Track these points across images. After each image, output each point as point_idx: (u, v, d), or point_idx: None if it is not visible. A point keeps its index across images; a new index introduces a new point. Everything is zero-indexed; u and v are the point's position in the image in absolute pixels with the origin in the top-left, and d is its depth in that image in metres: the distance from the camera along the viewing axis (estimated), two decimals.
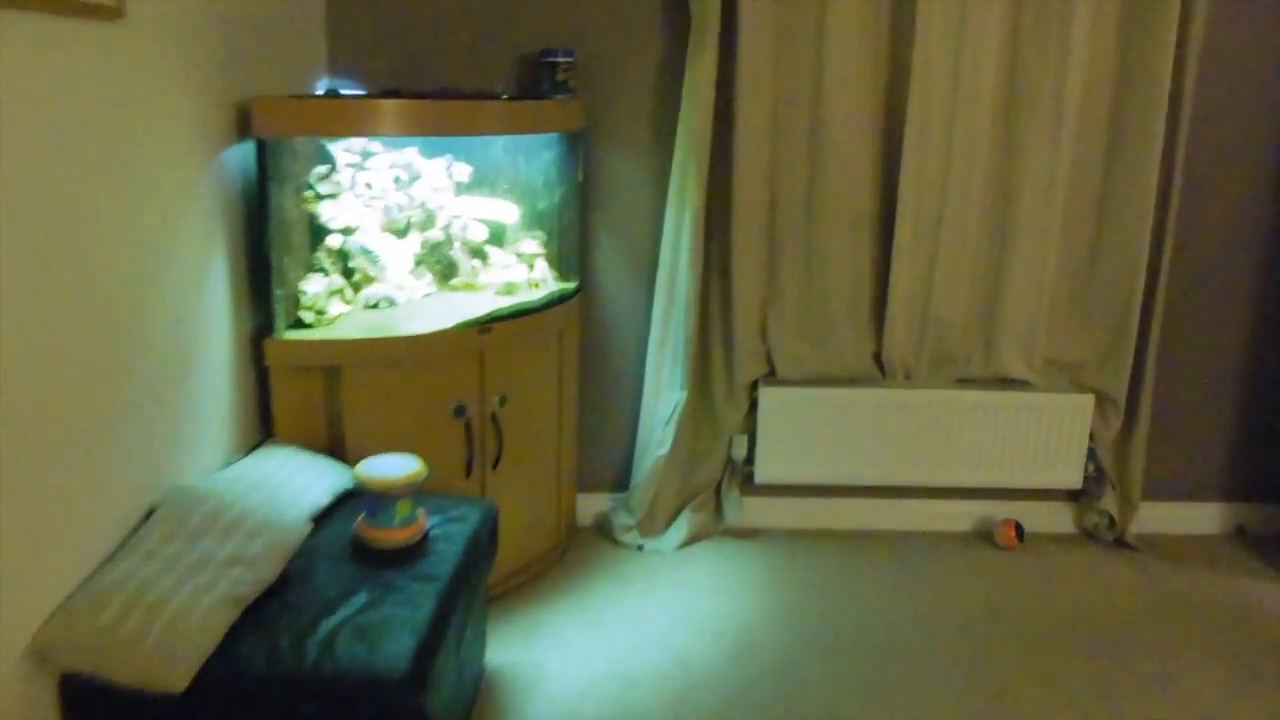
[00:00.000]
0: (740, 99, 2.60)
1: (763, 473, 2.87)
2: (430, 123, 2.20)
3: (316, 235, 2.32)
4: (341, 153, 2.33)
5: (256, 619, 1.62)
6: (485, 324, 2.34)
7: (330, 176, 2.29)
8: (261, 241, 2.17)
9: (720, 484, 2.92)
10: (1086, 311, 2.81)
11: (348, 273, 2.37)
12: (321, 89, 2.62)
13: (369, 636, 1.60)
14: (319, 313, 2.27)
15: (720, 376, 2.84)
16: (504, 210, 2.54)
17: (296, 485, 1.99)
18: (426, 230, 2.49)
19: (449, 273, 2.52)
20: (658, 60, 2.69)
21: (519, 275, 2.54)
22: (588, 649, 2.35)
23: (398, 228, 2.42)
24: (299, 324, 2.26)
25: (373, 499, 1.88)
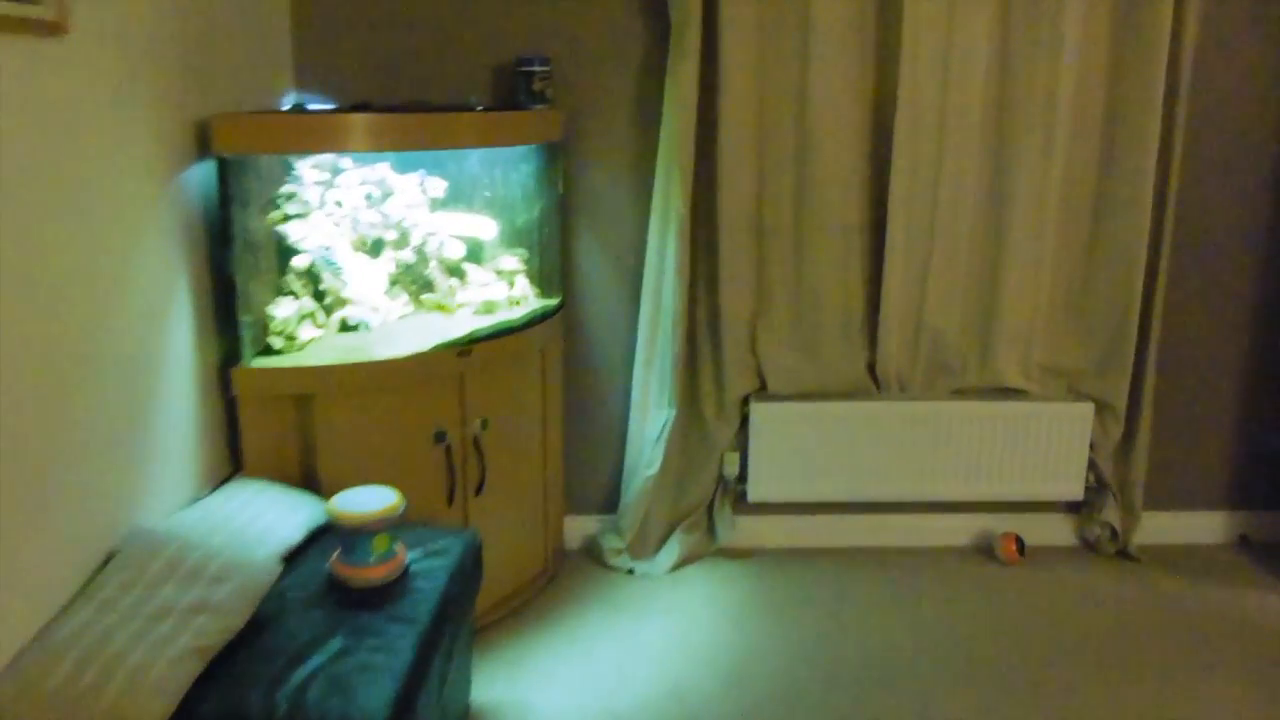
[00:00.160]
0: (724, 106, 2.53)
1: (756, 491, 2.80)
2: (401, 137, 2.11)
3: (285, 257, 2.22)
4: (310, 170, 2.23)
5: (223, 670, 1.54)
6: (464, 345, 2.26)
7: (298, 195, 2.19)
8: (226, 265, 2.07)
9: (712, 503, 2.86)
10: (1084, 318, 2.75)
11: (319, 295, 2.27)
12: (288, 104, 2.52)
13: (344, 686, 1.52)
14: (289, 338, 2.17)
15: (710, 392, 2.77)
16: (481, 226, 2.45)
17: (266, 523, 1.89)
18: (400, 249, 2.39)
19: (425, 293, 2.43)
20: (638, 67, 2.61)
21: (498, 293, 2.46)
22: (577, 682, 2.27)
23: (366, 245, 2.33)
24: (269, 350, 2.16)
25: (347, 535, 1.79)
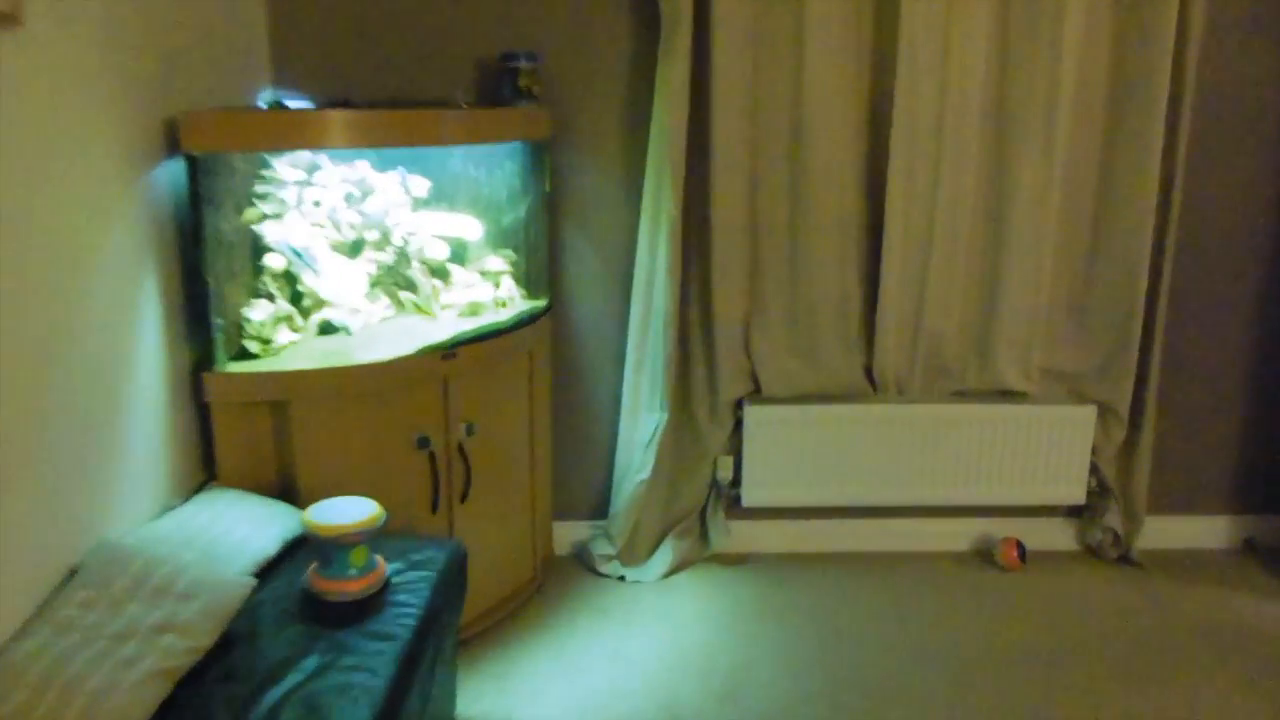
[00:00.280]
0: (716, 101, 2.46)
1: (750, 495, 2.74)
2: (380, 134, 2.04)
3: (261, 258, 2.14)
4: (287, 169, 2.15)
5: (191, 693, 1.47)
6: (449, 348, 2.18)
7: (272, 194, 2.11)
8: (198, 267, 2.00)
9: (705, 508, 2.80)
10: (1086, 320, 2.69)
11: (296, 298, 2.20)
12: (265, 101, 2.44)
13: (319, 709, 1.45)
14: (265, 342, 2.09)
15: (702, 395, 2.70)
16: (466, 226, 2.38)
17: (239, 535, 1.82)
18: (382, 250, 2.32)
19: (407, 295, 2.35)
20: (627, 62, 2.54)
21: (484, 295, 2.38)
22: (566, 695, 2.20)
23: (345, 246, 2.25)
24: (245, 355, 2.09)
25: (324, 547, 1.72)
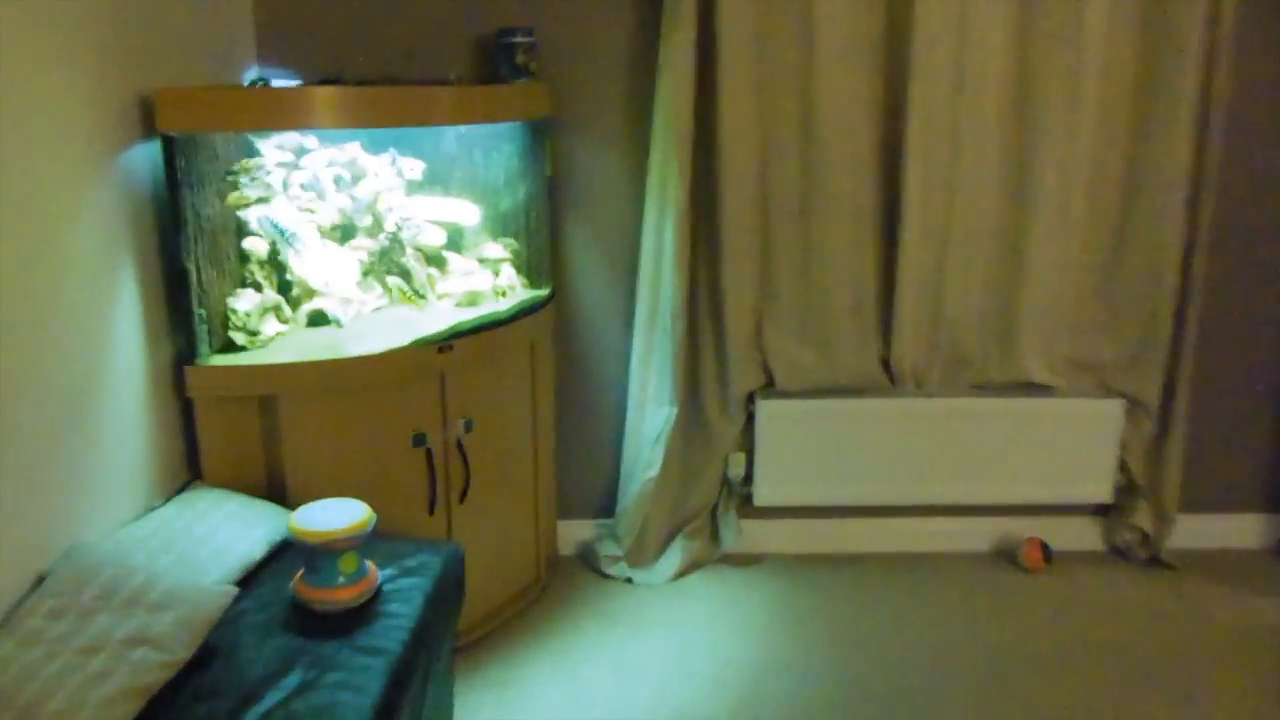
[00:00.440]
0: (723, 79, 2.34)
1: (763, 494, 2.64)
2: (368, 113, 1.92)
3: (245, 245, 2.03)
4: (273, 150, 2.04)
5: (163, 713, 1.37)
6: (445, 341, 2.07)
7: (257, 176, 2.00)
8: (178, 254, 1.88)
9: (716, 507, 2.69)
10: (1113, 308, 2.57)
11: (284, 287, 2.08)
12: (249, 79, 2.32)
13: None
14: (251, 333, 1.98)
15: (712, 389, 2.59)
16: (462, 211, 2.26)
17: (222, 539, 1.71)
18: (374, 236, 2.20)
19: (401, 283, 2.24)
20: (629, 37, 2.42)
21: (483, 283, 2.27)
22: (570, 706, 2.10)
23: (335, 231, 2.14)
24: (231, 347, 1.98)
25: (311, 554, 1.61)
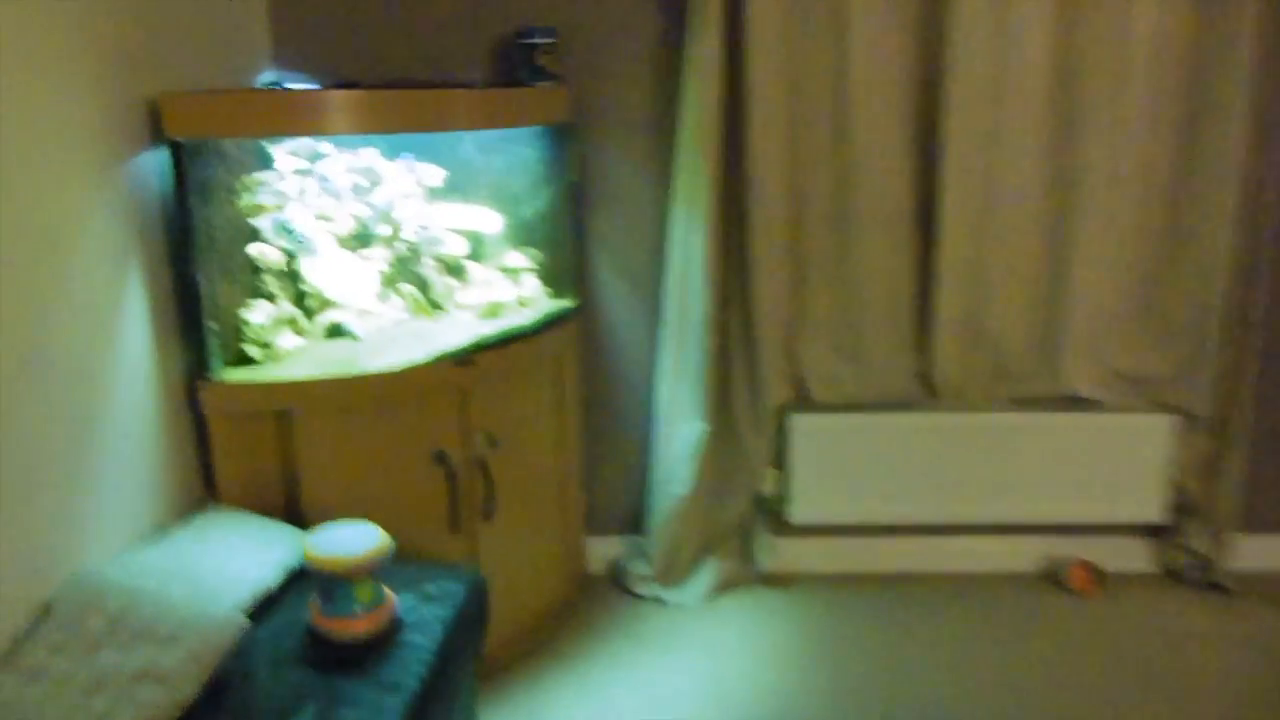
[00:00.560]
0: (752, 81, 2.26)
1: (798, 512, 2.55)
2: (384, 118, 1.85)
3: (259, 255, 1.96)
4: (287, 156, 1.97)
5: None
6: (466, 355, 1.99)
7: (269, 184, 1.93)
8: (188, 264, 1.81)
9: (749, 526, 2.60)
10: (1165, 317, 2.45)
11: (300, 298, 2.01)
12: (264, 83, 2.26)
13: None
14: (266, 347, 1.91)
15: (744, 403, 2.50)
16: (484, 219, 2.18)
17: (236, 565, 1.63)
18: (392, 245, 2.13)
19: (420, 294, 2.17)
20: (654, 37, 2.35)
21: (505, 294, 2.19)
22: None
23: (352, 241, 2.07)
24: (245, 361, 1.90)
25: (326, 582, 1.52)
